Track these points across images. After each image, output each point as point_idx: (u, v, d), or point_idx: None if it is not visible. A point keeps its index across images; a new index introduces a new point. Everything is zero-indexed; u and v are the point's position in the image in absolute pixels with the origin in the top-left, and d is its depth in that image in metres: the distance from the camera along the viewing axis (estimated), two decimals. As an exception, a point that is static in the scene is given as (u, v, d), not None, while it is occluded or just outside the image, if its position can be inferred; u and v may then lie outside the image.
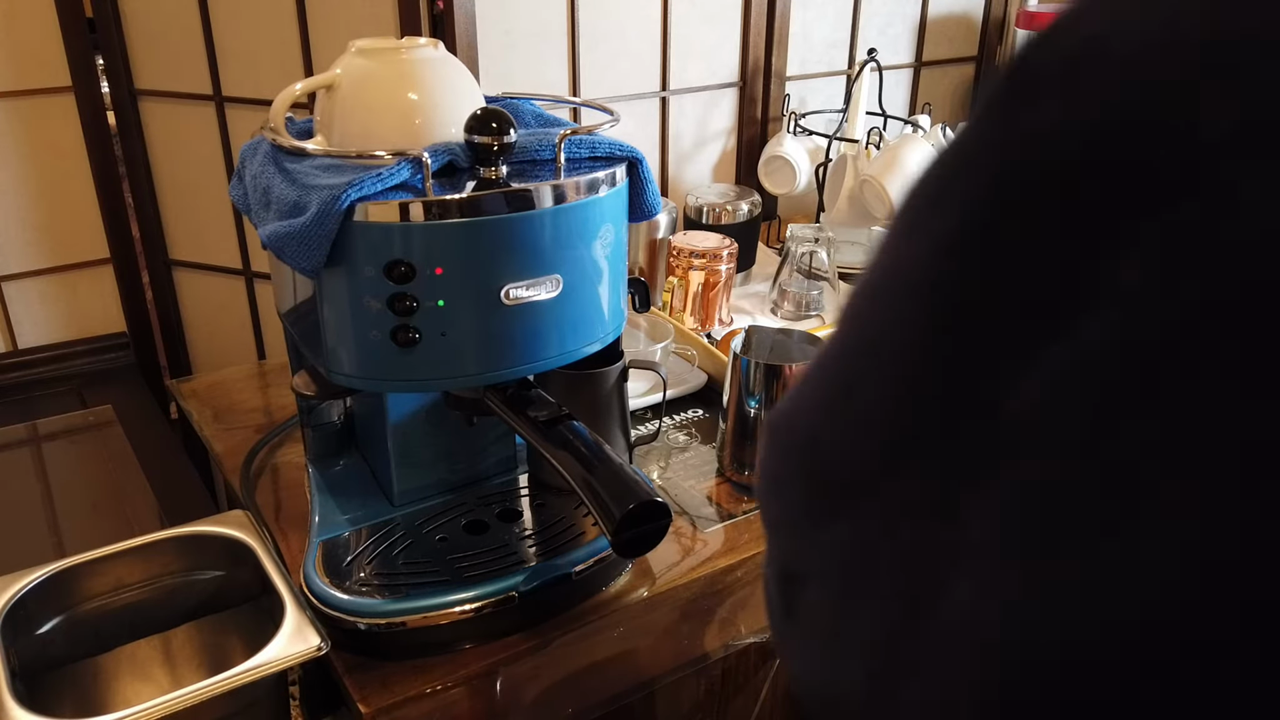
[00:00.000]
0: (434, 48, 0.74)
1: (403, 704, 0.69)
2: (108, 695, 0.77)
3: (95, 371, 1.38)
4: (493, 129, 0.66)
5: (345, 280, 0.66)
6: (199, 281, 1.48)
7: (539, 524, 0.81)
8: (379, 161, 0.65)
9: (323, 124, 0.74)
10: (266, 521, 0.87)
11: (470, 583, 0.73)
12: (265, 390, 1.14)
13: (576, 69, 1.38)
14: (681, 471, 0.97)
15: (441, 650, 0.72)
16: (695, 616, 0.82)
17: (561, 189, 0.68)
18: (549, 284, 0.68)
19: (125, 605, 0.78)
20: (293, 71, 1.29)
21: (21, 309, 1.38)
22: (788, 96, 1.60)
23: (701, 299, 1.23)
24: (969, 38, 1.82)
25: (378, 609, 0.71)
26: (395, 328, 0.66)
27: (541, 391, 0.74)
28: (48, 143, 1.33)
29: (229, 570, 0.79)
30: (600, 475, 0.65)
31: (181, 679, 0.78)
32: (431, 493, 0.84)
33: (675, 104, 1.51)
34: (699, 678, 0.87)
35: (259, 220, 0.72)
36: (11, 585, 0.72)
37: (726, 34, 1.52)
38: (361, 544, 0.78)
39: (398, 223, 0.64)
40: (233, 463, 0.97)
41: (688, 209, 1.42)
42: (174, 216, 1.45)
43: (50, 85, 1.31)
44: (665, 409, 1.07)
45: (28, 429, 1.20)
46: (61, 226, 1.37)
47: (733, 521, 0.89)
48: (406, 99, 0.72)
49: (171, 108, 1.38)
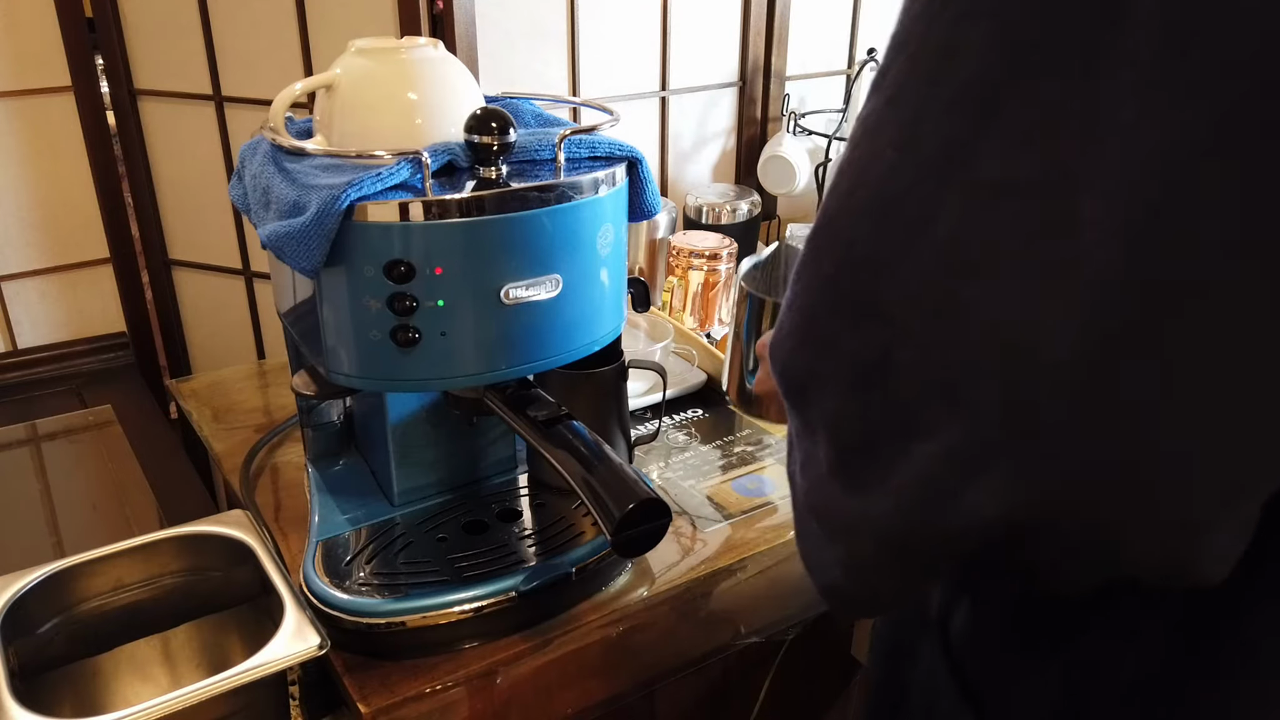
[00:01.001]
0: (434, 47, 0.74)
1: (402, 704, 0.69)
2: (107, 695, 0.77)
3: (95, 371, 1.38)
4: (492, 129, 0.66)
5: (345, 280, 0.66)
6: (199, 281, 1.48)
7: (539, 524, 0.81)
8: (379, 161, 0.65)
9: (322, 124, 0.74)
10: (266, 521, 0.87)
11: (470, 582, 0.73)
12: (265, 390, 1.14)
13: (576, 69, 1.38)
14: (681, 471, 0.97)
15: (441, 650, 0.72)
16: (695, 616, 0.82)
17: (561, 189, 0.68)
18: (548, 284, 0.68)
19: (125, 605, 0.78)
20: (292, 71, 1.29)
21: (21, 309, 1.38)
22: (787, 96, 1.60)
23: (701, 299, 1.24)
24: (969, 37, 1.82)
25: (377, 609, 0.71)
26: (395, 327, 0.66)
27: (541, 391, 0.74)
28: (47, 143, 1.33)
29: (228, 570, 0.79)
30: (600, 475, 0.65)
31: (181, 679, 0.78)
32: (431, 492, 0.84)
33: (675, 104, 1.51)
34: (699, 678, 0.87)
35: (258, 220, 0.72)
36: (11, 585, 0.72)
37: (726, 34, 1.52)
38: (361, 544, 0.78)
39: (397, 222, 0.64)
40: (232, 462, 0.97)
41: (687, 209, 1.42)
42: (173, 216, 1.45)
43: (50, 85, 1.31)
44: (665, 409, 1.07)
45: (27, 429, 1.20)
46: (61, 226, 1.37)
47: (733, 521, 0.89)
48: (406, 99, 0.72)
49: (171, 107, 1.38)
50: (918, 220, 0.34)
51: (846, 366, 0.36)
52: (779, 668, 0.92)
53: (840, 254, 0.37)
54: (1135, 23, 0.29)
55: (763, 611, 0.87)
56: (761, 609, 0.87)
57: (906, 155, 0.34)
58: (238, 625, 0.80)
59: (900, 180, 0.34)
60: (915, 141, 0.34)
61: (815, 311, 0.38)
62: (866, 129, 0.36)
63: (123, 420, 1.20)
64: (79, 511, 1.04)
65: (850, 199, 0.36)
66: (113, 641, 0.78)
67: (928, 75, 0.34)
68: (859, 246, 0.36)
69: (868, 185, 0.35)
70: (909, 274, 0.34)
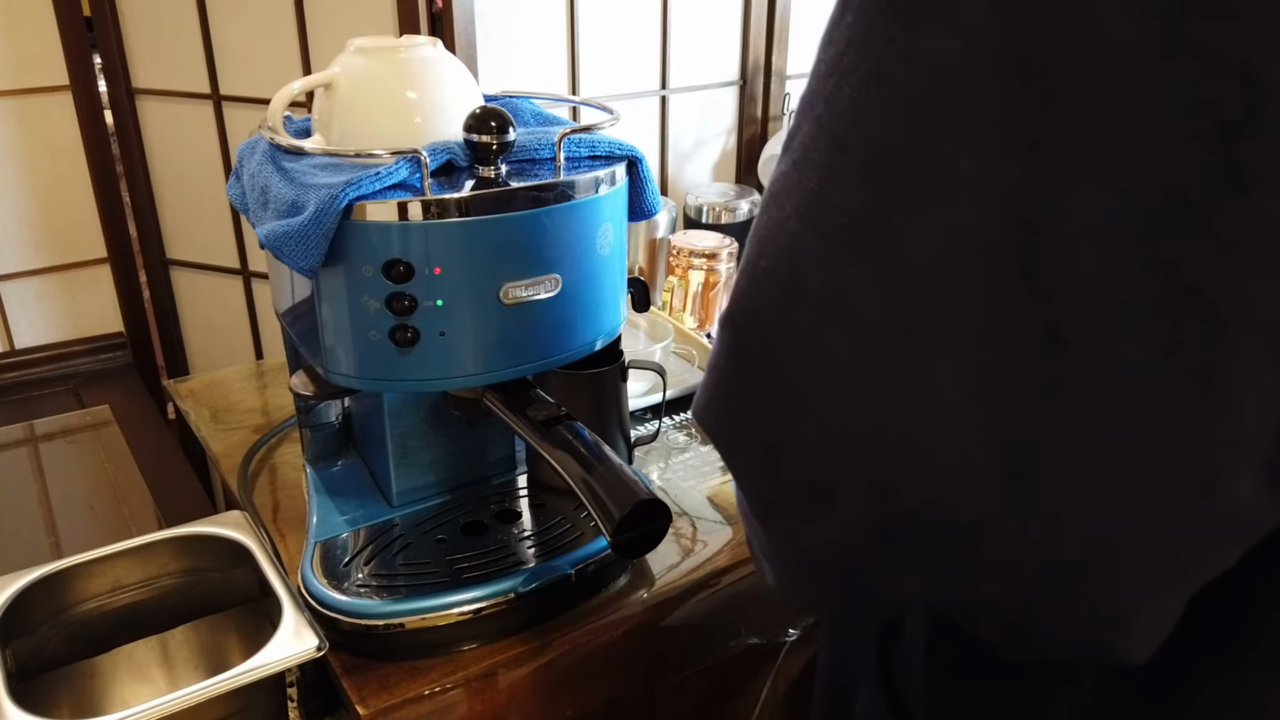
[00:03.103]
0: (432, 46, 0.74)
1: (401, 705, 0.68)
2: (105, 696, 0.77)
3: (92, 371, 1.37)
4: (491, 128, 0.66)
5: (343, 280, 0.65)
6: (196, 281, 1.48)
7: (538, 525, 0.81)
8: (377, 160, 0.65)
9: (321, 123, 0.73)
10: (264, 522, 0.87)
11: (469, 583, 0.72)
12: (263, 390, 1.14)
13: (576, 68, 1.38)
14: (681, 472, 0.96)
15: (440, 651, 0.72)
16: (695, 617, 0.82)
17: (560, 188, 0.67)
18: (548, 284, 0.68)
19: (123, 606, 0.77)
20: (291, 70, 1.29)
21: (18, 309, 1.37)
22: (788, 95, 1.60)
23: (701, 299, 1.23)
24: (968, 37, 1.81)
25: (376, 610, 0.71)
26: (394, 327, 0.66)
27: (541, 391, 0.74)
28: (45, 142, 1.33)
29: (227, 571, 0.79)
30: (599, 476, 0.65)
31: (179, 680, 0.78)
32: (430, 493, 0.83)
33: (675, 103, 1.50)
34: (699, 680, 0.87)
35: (257, 219, 0.72)
36: (9, 586, 0.71)
37: (726, 33, 1.52)
38: (360, 545, 0.77)
39: (396, 222, 0.64)
40: (230, 463, 0.97)
41: (687, 208, 1.42)
42: (171, 216, 1.45)
43: (48, 84, 1.31)
44: (665, 409, 1.07)
45: (25, 429, 1.19)
46: (58, 226, 1.37)
47: (733, 523, 0.88)
48: (405, 98, 0.71)
49: (169, 107, 1.38)
50: (824, 297, 0.31)
51: (758, 433, 0.35)
52: (780, 670, 0.91)
53: (746, 323, 0.35)
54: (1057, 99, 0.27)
55: (763, 613, 0.87)
56: (762, 611, 0.87)
57: (809, 224, 0.32)
58: (236, 626, 0.80)
59: (805, 251, 0.32)
60: (823, 211, 0.32)
61: (726, 375, 0.37)
62: (773, 193, 0.34)
63: (120, 420, 1.20)
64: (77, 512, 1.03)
65: (754, 267, 0.35)
66: (111, 642, 0.77)
67: (835, 141, 0.31)
68: (764, 316, 0.34)
69: (770, 255, 0.34)
70: (818, 352, 0.32)
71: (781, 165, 0.35)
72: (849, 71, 0.31)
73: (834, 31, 0.32)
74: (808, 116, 0.33)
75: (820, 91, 0.32)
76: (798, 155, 0.33)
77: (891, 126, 0.29)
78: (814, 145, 0.32)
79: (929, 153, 0.29)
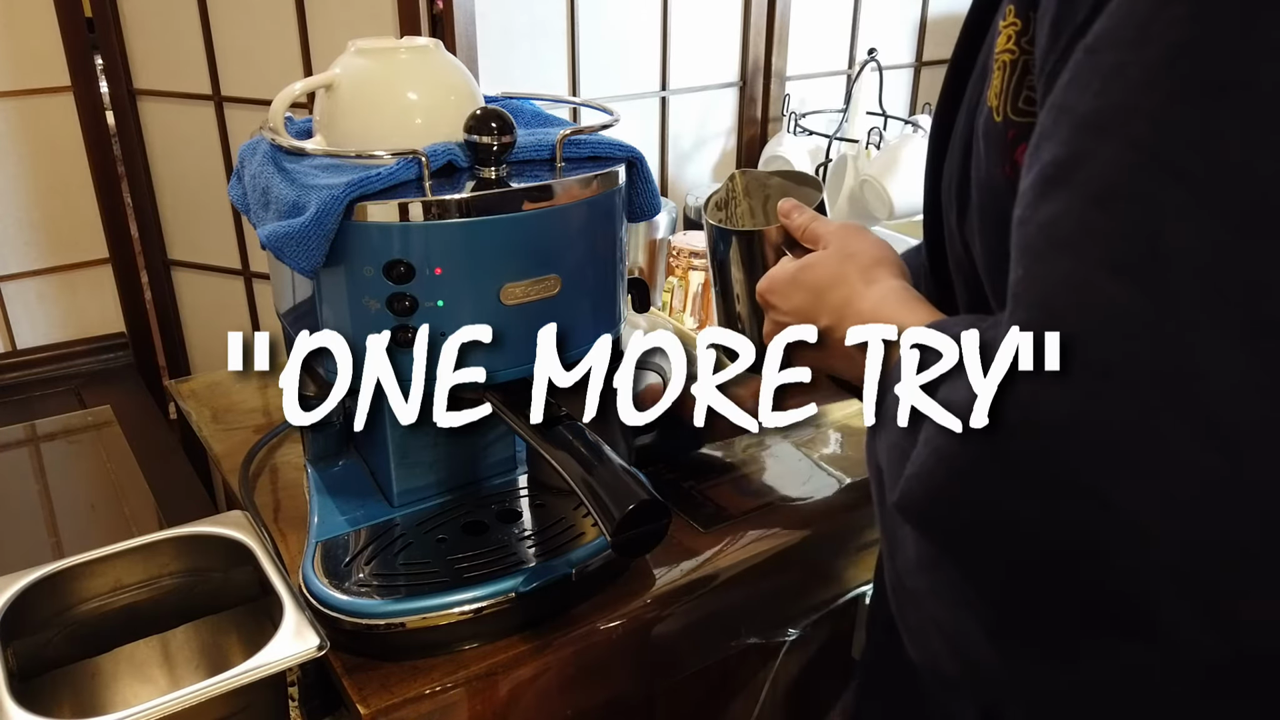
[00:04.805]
0: (433, 47, 0.74)
1: (402, 705, 0.69)
2: (106, 696, 0.77)
3: (94, 372, 1.38)
4: (492, 129, 0.66)
5: (344, 280, 0.66)
6: (198, 281, 1.48)
7: (538, 524, 0.81)
8: (378, 161, 0.65)
9: (322, 124, 0.74)
10: (265, 522, 0.87)
11: (469, 583, 0.72)
12: (264, 391, 1.14)
13: (576, 69, 1.38)
14: (682, 472, 0.96)
15: (441, 651, 0.72)
16: (695, 617, 0.82)
17: (561, 189, 0.67)
18: (548, 284, 0.68)
19: (124, 606, 0.78)
20: (292, 71, 1.29)
21: (20, 309, 1.38)
22: (788, 96, 1.60)
23: (701, 299, 1.23)
24: (969, 38, 1.82)
25: (377, 610, 0.71)
26: (394, 328, 0.66)
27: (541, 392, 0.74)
28: (46, 143, 1.33)
29: (228, 571, 0.79)
30: (599, 475, 0.65)
31: (180, 680, 0.78)
32: (431, 493, 0.83)
33: (675, 104, 1.51)
34: (699, 679, 0.87)
35: (258, 220, 0.72)
36: (10, 586, 0.71)
37: (726, 34, 1.52)
38: (361, 545, 0.78)
39: (397, 222, 0.64)
40: (231, 463, 0.97)
41: (687, 209, 1.42)
42: (173, 216, 1.45)
43: (49, 85, 1.31)
44: (665, 409, 1.07)
45: (26, 429, 1.19)
46: (60, 226, 1.37)
47: (733, 522, 0.88)
48: (406, 98, 0.71)
49: (170, 108, 1.38)
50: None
51: (1029, 545, 0.29)
52: (780, 670, 0.91)
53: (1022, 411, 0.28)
54: None
55: (764, 613, 0.87)
56: (762, 610, 0.87)
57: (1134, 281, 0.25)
58: (237, 626, 0.80)
59: (1128, 315, 0.25)
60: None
61: (981, 468, 0.30)
62: (1050, 238, 0.26)
63: (122, 421, 1.20)
64: (78, 512, 1.04)
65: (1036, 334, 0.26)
66: (112, 642, 0.77)
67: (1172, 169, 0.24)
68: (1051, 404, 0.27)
69: (1067, 322, 0.26)
70: (1139, 449, 0.25)
71: (1055, 204, 0.26)
72: (1189, 80, 0.23)
73: (1150, 26, 0.24)
74: (1111, 139, 0.25)
75: (1137, 106, 0.24)
76: (1097, 189, 0.25)
77: (1260, 151, 0.23)
78: (1134, 176, 0.25)
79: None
